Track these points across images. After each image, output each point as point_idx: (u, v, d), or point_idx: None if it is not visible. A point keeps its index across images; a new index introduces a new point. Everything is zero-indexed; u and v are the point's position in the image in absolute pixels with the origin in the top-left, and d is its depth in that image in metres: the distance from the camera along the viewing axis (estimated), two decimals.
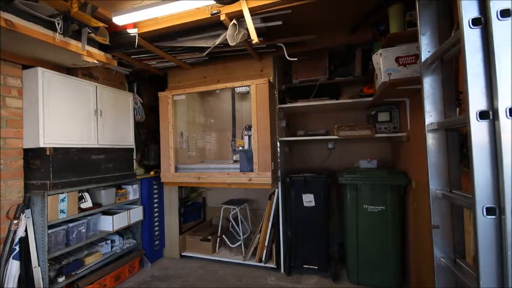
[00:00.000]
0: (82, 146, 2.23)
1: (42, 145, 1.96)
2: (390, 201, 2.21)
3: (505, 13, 0.74)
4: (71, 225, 2.14)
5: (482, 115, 0.78)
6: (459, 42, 0.87)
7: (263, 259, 2.67)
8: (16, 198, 1.95)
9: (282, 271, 2.58)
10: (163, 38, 2.14)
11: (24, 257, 1.89)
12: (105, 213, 2.48)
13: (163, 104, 2.81)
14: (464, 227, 1.07)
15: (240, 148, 2.67)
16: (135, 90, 2.97)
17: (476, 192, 0.77)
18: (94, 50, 2.08)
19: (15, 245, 1.86)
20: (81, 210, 2.23)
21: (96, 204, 2.39)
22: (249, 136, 2.63)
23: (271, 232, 2.69)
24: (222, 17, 1.82)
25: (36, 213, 1.97)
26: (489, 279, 0.76)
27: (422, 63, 1.13)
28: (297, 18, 2.05)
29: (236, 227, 3.05)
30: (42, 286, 1.91)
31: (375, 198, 2.24)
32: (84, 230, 2.23)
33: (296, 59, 2.34)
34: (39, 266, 1.93)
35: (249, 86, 2.48)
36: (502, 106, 0.74)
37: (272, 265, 2.64)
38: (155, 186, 2.96)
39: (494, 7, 0.74)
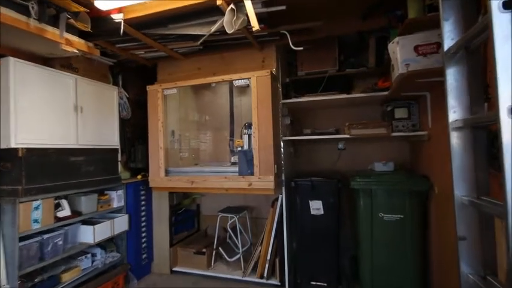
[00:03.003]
0: (60, 147, 2.23)
1: (13, 145, 1.94)
2: (409, 208, 2.20)
3: None
4: (46, 236, 2.12)
5: None
6: (487, 29, 0.87)
7: (265, 275, 2.66)
8: None
9: None
10: (153, 24, 2.14)
11: None
12: (85, 222, 2.48)
13: (152, 98, 2.82)
14: (495, 239, 1.06)
15: (239, 149, 2.67)
16: (120, 84, 2.97)
17: (508, 199, 0.77)
18: (74, 38, 2.08)
19: None
20: (57, 219, 2.22)
21: (75, 213, 2.39)
22: (249, 135, 2.64)
23: (274, 244, 2.68)
24: (219, 1, 1.81)
25: (6, 223, 1.95)
26: None
27: (444, 52, 1.13)
28: (302, 2, 2.05)
29: (234, 238, 3.05)
30: None
31: (391, 205, 2.23)
32: (61, 242, 2.22)
33: (302, 48, 2.34)
34: (8, 284, 1.90)
35: (248, 78, 2.49)
36: None
37: (275, 282, 2.63)
38: (143, 192, 2.97)
39: None
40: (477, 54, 1.11)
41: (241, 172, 2.50)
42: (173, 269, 3.00)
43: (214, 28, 2.02)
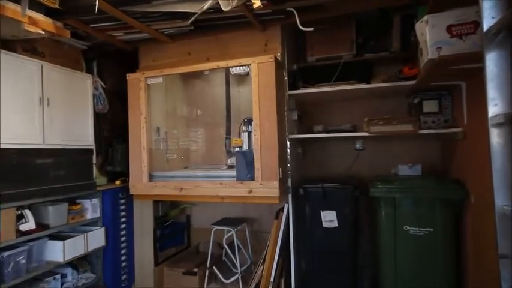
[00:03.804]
0: (22, 147, 2.22)
1: None
2: (440, 220, 2.21)
3: None
4: (6, 254, 2.11)
5: None
6: None
7: None
8: None
9: None
10: (134, 0, 2.14)
11: None
12: (53, 237, 2.47)
13: (133, 89, 2.82)
14: None
15: (237, 149, 2.67)
16: (95, 71, 2.97)
17: None
18: (39, 16, 2.07)
19: None
20: (20, 233, 2.21)
21: (41, 226, 2.37)
22: (249, 133, 2.63)
23: (279, 263, 2.67)
24: None
25: None
26: None
27: (484, 33, 1.12)
28: None
29: (231, 255, 3.02)
30: None
31: (419, 216, 2.24)
32: (24, 261, 2.21)
33: (312, 28, 2.35)
34: None
35: (248, 65, 2.48)
36: None
37: None
38: (122, 201, 2.98)
39: None
40: None
41: (240, 177, 2.50)
42: None
43: (207, 5, 2.02)
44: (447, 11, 1.60)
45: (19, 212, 2.23)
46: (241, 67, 2.52)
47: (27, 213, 2.28)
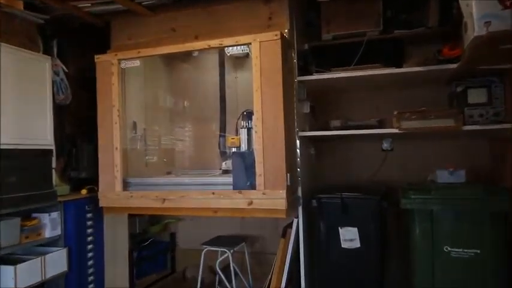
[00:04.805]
0: None
1: None
2: (490, 240, 2.19)
3: None
4: None
5: None
6: None
7: None
8: None
9: None
10: None
11: None
12: (2, 260, 2.44)
13: (103, 75, 2.80)
14: None
15: (234, 149, 2.66)
16: (56, 52, 2.94)
17: None
18: None
19: None
20: None
21: None
22: (249, 129, 2.62)
23: None
24: None
25: None
26: None
27: None
28: None
29: (227, 283, 3.00)
30: None
31: (463, 234, 2.24)
32: None
33: None
34: None
35: (248, 44, 2.47)
36: None
37: None
38: (89, 215, 2.95)
39: None
40: None
41: (237, 185, 2.48)
42: None
43: None
44: None
45: None
46: (239, 47, 2.58)
47: None
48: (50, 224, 2.73)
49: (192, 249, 3.37)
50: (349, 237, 2.51)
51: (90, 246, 2.95)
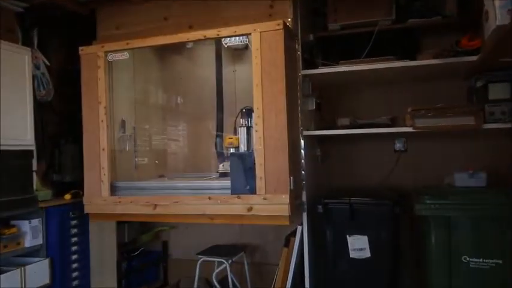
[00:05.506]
0: None
1: None
2: None
3: None
4: None
5: None
6: None
7: None
8: None
9: None
10: None
11: None
12: None
13: (88, 68, 2.78)
14: None
15: (232, 150, 2.66)
16: (36, 44, 2.96)
17: None
18: None
19: None
20: None
21: None
22: (248, 128, 2.64)
23: None
24: None
25: None
26: None
27: None
28: None
29: None
30: None
31: (483, 243, 2.25)
32: None
33: None
34: None
35: (248, 35, 2.45)
36: None
37: None
38: (74, 222, 2.97)
39: None
40: None
41: (236, 189, 2.46)
42: None
43: None
44: None
45: None
46: (237, 37, 2.53)
47: None
48: (31, 232, 2.73)
49: (186, 260, 3.39)
50: (358, 246, 2.50)
51: (74, 257, 2.96)
